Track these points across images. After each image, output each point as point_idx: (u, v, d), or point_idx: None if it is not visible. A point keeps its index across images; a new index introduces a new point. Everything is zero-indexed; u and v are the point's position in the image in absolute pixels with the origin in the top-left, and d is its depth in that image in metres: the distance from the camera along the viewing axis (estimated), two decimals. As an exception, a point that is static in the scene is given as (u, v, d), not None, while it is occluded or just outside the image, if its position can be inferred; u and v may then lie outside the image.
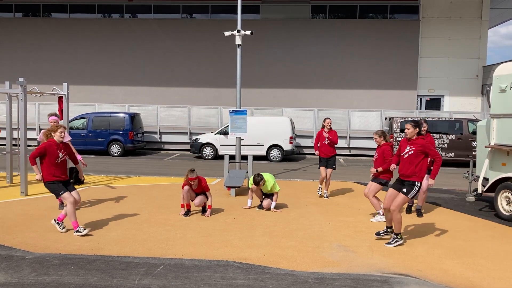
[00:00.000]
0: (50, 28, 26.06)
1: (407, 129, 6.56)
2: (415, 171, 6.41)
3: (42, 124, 21.97)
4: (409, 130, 6.52)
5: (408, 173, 6.45)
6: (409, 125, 6.53)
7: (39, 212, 8.23)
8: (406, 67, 24.49)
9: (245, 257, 5.90)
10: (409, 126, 6.53)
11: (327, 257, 5.97)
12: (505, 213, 8.27)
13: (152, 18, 25.87)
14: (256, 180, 8.57)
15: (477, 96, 24.44)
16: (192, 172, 7.99)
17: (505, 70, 8.47)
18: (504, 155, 8.45)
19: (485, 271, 5.53)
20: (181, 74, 25.45)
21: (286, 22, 25.07)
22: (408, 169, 6.44)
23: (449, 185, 12.49)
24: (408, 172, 6.44)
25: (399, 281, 5.16)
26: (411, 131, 6.51)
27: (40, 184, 11.12)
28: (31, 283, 4.92)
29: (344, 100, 24.44)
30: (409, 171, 6.44)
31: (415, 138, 6.52)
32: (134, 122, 19.72)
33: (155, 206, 8.93)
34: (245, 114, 12.19)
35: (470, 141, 16.90)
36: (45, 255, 5.85)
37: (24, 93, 9.93)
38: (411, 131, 6.51)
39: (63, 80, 16.37)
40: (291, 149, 18.25)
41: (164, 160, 18.14)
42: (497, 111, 8.58)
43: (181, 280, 5.08)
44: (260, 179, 8.55)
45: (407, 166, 6.46)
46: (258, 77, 24.65)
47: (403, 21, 24.71)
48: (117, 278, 5.09)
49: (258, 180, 8.55)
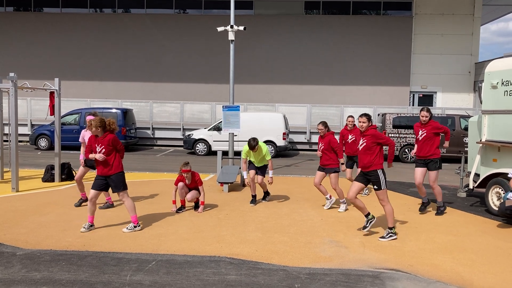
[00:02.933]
0: (41, 23, 25.83)
1: (363, 122, 6.57)
2: (372, 160, 6.51)
3: (34, 120, 21.84)
4: (365, 123, 6.55)
5: (366, 163, 6.54)
6: (365, 118, 6.56)
7: (30, 208, 8.18)
8: (399, 64, 24.57)
9: (237, 252, 5.91)
10: (365, 119, 6.55)
11: (319, 252, 5.99)
12: (496, 209, 8.32)
13: (145, 13, 25.73)
14: (251, 144, 8.57)
15: (469, 93, 24.60)
16: (186, 165, 7.98)
17: (497, 66, 8.51)
18: (495, 151, 8.50)
19: (476, 266, 5.57)
20: (174, 69, 25.36)
21: (280, 17, 25.03)
22: (366, 159, 6.54)
23: (440, 181, 12.56)
24: (366, 161, 6.54)
25: (390, 276, 5.19)
26: (366, 124, 6.55)
27: (31, 180, 11.10)
28: (21, 280, 4.89)
29: (337, 96, 24.51)
30: (366, 160, 6.53)
31: (366, 130, 6.60)
32: (127, 118, 19.64)
33: (148, 202, 8.90)
34: (238, 110, 12.17)
35: (462, 137, 17.01)
36: (36, 251, 5.81)
37: (14, 88, 9.84)
38: (367, 124, 6.56)
39: (54, 75, 16.30)
40: (284, 145, 18.27)
41: (157, 156, 18.08)
42: (489, 107, 8.63)
43: (173, 276, 5.07)
44: (256, 143, 8.59)
45: (364, 156, 6.57)
46: (251, 73, 24.62)
47: (396, 17, 24.77)
48: (108, 274, 5.07)
49: (254, 144, 8.57)
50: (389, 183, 11.60)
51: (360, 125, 6.62)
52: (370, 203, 9.24)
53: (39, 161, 15.46)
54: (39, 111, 21.94)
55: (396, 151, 17.41)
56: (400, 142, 17.37)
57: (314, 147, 21.13)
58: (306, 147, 21.23)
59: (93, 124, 6.59)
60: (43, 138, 19.33)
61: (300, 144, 21.21)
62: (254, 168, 8.98)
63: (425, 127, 8.15)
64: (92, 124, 6.59)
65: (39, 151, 18.78)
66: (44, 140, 19.32)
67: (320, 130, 8.50)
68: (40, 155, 17.36)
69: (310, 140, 21.04)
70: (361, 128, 6.63)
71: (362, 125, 6.58)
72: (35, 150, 19.19)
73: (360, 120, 6.61)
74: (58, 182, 10.93)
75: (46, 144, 19.26)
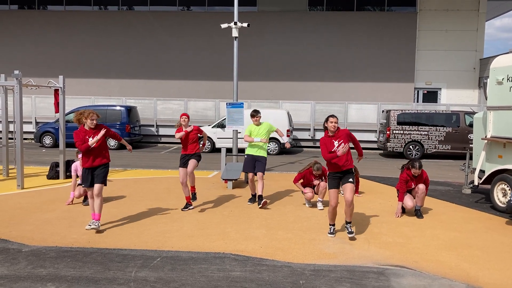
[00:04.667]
0: (45, 21, 25.87)
1: (335, 123, 6.35)
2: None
3: (38, 117, 21.90)
4: (337, 123, 6.38)
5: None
6: (336, 118, 6.39)
7: (36, 205, 8.22)
8: (403, 60, 24.46)
9: (241, 249, 5.91)
10: (337, 119, 6.39)
11: (323, 249, 5.99)
12: (501, 205, 8.30)
13: (149, 11, 25.71)
14: (255, 112, 8.66)
15: (474, 89, 24.46)
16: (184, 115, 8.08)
17: (502, 62, 8.46)
18: (501, 147, 8.46)
19: (481, 263, 5.56)
20: (177, 67, 25.35)
21: (283, 14, 24.96)
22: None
23: (445, 178, 12.53)
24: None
25: (395, 272, 5.18)
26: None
27: (36, 177, 11.14)
28: (27, 276, 4.91)
29: (341, 93, 24.42)
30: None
31: (338, 131, 6.42)
32: (131, 115, 19.67)
33: (152, 199, 8.92)
34: (242, 107, 12.15)
35: (467, 133, 16.93)
36: (41, 247, 5.84)
37: (19, 86, 9.87)
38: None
39: (59, 73, 16.30)
40: (288, 142, 18.21)
41: (161, 153, 18.12)
42: (494, 103, 8.58)
43: (178, 272, 5.08)
44: (258, 112, 8.70)
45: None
46: (255, 70, 24.58)
47: (400, 13, 24.65)
48: (113, 271, 5.09)
49: (257, 111, 8.69)
50: (392, 179, 11.58)
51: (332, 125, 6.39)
52: (364, 204, 9.24)
53: (43, 158, 15.52)
54: (43, 108, 22.01)
55: (401, 147, 17.36)
56: (404, 139, 17.32)
57: (318, 144, 21.10)
58: (310, 144, 21.21)
59: (94, 116, 6.61)
60: (48, 136, 19.40)
61: (304, 141, 21.18)
62: (252, 168, 8.71)
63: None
64: (93, 116, 6.60)
65: (44, 149, 18.85)
66: (48, 137, 19.39)
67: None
68: (45, 153, 17.43)
69: (314, 137, 21.02)
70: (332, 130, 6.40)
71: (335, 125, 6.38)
72: (39, 147, 19.27)
73: (334, 120, 6.39)
74: (63, 179, 10.97)
75: (50, 142, 19.33)
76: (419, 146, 17.26)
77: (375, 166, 14.92)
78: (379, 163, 16.08)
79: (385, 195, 9.70)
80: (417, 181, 7.82)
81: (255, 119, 8.71)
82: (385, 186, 10.90)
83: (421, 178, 7.83)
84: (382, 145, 18.00)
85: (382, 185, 11.04)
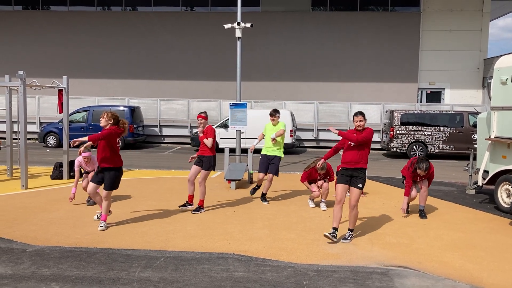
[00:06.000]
0: (49, 21, 25.96)
1: (359, 121, 6.37)
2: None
3: (42, 118, 21.97)
4: (363, 122, 6.39)
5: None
6: (362, 117, 6.38)
7: (40, 205, 8.24)
8: (407, 60, 24.40)
9: (245, 249, 5.91)
10: (362, 118, 6.38)
11: (327, 249, 5.98)
12: (505, 206, 8.27)
13: (152, 11, 25.76)
14: (274, 111, 8.81)
15: (478, 89, 24.38)
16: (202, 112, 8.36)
17: (506, 62, 8.42)
18: (505, 147, 8.43)
19: (485, 263, 5.54)
20: (181, 67, 25.39)
21: (287, 14, 24.96)
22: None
23: (449, 178, 12.49)
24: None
25: (399, 273, 5.17)
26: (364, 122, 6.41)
27: (40, 177, 11.17)
28: (31, 276, 4.93)
29: (344, 93, 24.40)
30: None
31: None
32: (134, 116, 19.70)
33: (155, 199, 8.94)
34: (245, 107, 12.16)
35: (471, 134, 16.88)
36: (45, 247, 5.86)
37: (23, 86, 9.91)
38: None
39: (62, 73, 16.37)
40: (292, 142, 18.22)
41: (165, 154, 18.14)
42: (498, 104, 8.55)
43: (181, 272, 5.09)
44: (277, 112, 8.83)
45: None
46: (258, 70, 24.59)
47: (404, 13, 24.60)
48: (117, 271, 5.10)
49: (276, 111, 8.81)
50: (396, 180, 11.56)
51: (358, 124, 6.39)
52: (368, 204, 9.23)
53: (47, 158, 15.57)
54: (47, 109, 22.09)
55: (404, 148, 17.33)
56: (408, 139, 17.28)
57: (321, 145, 21.09)
58: (314, 144, 21.19)
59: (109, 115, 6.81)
60: (52, 136, 19.45)
61: (307, 141, 21.16)
62: (265, 169, 8.85)
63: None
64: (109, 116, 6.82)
65: (48, 149, 18.91)
66: (52, 137, 19.44)
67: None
68: (49, 153, 17.48)
69: (318, 137, 21.00)
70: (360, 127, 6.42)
71: (361, 123, 6.39)
72: (43, 147, 19.33)
73: (360, 118, 6.39)
74: (67, 179, 11.00)
75: (54, 142, 19.38)
76: (423, 147, 17.22)
77: (378, 167, 14.89)
78: (382, 163, 16.05)
79: (388, 196, 9.68)
80: (424, 175, 7.79)
81: (272, 119, 8.83)
82: (389, 186, 10.88)
83: (428, 173, 7.81)
84: (386, 145, 17.96)
85: (386, 185, 11.02)
